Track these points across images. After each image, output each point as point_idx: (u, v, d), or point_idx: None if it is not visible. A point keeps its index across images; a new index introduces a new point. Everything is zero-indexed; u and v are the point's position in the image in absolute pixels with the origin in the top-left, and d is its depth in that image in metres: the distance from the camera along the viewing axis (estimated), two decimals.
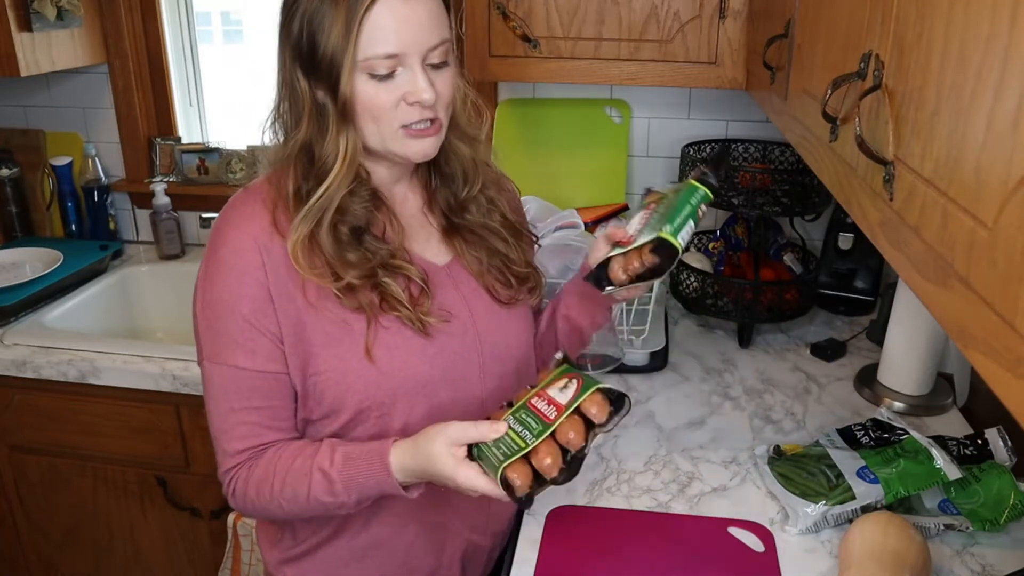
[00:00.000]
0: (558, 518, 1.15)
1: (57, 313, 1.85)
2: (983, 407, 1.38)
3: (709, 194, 1.04)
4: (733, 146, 1.83)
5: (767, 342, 1.69)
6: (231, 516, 1.63)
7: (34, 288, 1.83)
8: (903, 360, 1.43)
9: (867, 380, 1.49)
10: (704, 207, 1.04)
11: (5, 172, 2.10)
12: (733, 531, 1.12)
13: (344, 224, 0.95)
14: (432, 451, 0.88)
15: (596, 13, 1.50)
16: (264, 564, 1.15)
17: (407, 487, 0.93)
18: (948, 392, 1.45)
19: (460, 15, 1.56)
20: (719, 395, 1.49)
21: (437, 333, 0.99)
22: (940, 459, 1.10)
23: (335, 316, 0.95)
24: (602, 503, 1.19)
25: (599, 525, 1.14)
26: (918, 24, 0.61)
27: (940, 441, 1.18)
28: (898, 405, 1.42)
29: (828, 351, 1.61)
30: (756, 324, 1.66)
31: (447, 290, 1.03)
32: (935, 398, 1.43)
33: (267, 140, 0.99)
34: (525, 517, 1.16)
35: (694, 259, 1.74)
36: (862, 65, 0.73)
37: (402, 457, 0.91)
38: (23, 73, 1.75)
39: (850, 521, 1.10)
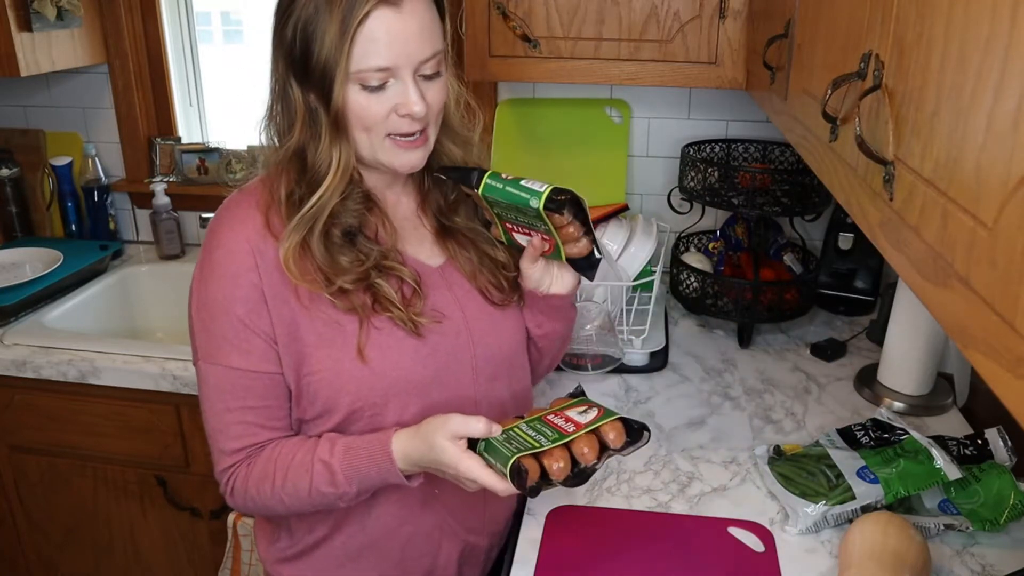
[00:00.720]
0: (558, 518, 1.15)
1: (57, 313, 1.85)
2: (983, 407, 1.38)
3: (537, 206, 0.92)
4: (734, 146, 1.83)
5: (767, 342, 1.69)
6: (231, 516, 1.63)
7: (34, 288, 1.83)
8: (903, 360, 1.43)
9: (867, 380, 1.49)
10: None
11: (5, 172, 2.10)
12: (733, 531, 1.12)
13: (337, 227, 0.96)
14: (435, 442, 0.90)
15: (596, 13, 1.50)
16: (262, 563, 1.15)
17: (408, 476, 0.95)
18: (948, 392, 1.45)
19: (460, 15, 1.55)
20: (719, 395, 1.49)
21: (430, 334, 1.00)
22: (940, 459, 1.10)
23: (328, 317, 0.96)
24: (602, 503, 1.19)
25: (599, 525, 1.14)
26: (918, 24, 0.61)
27: (940, 441, 1.18)
28: (898, 405, 1.42)
29: (828, 351, 1.61)
30: (756, 324, 1.66)
31: (441, 291, 1.04)
32: (935, 398, 1.43)
33: (264, 141, 0.99)
34: (525, 517, 1.16)
35: (694, 259, 1.74)
36: (862, 65, 0.73)
37: (404, 446, 0.93)
38: (23, 73, 1.75)
39: (850, 521, 1.10)
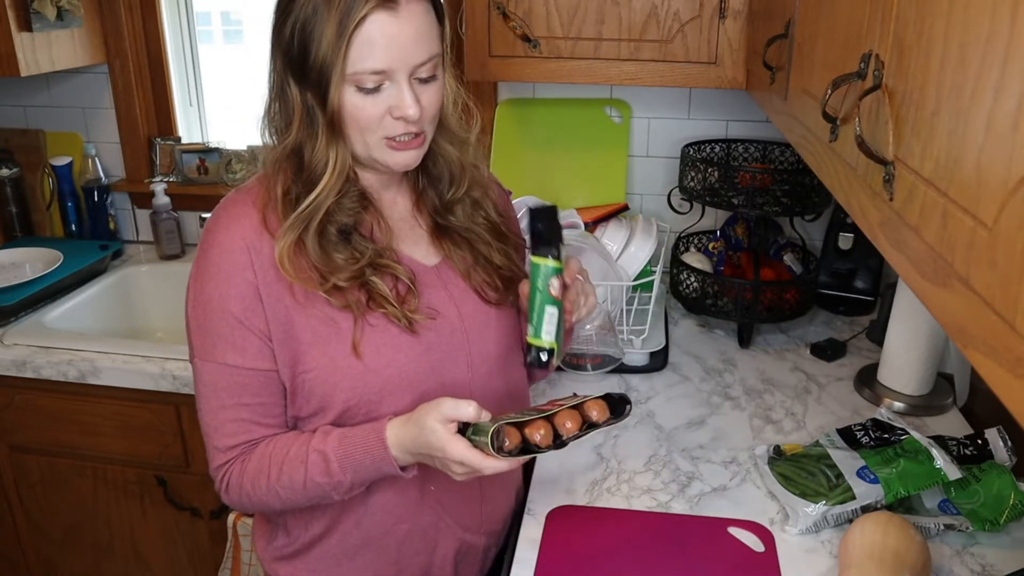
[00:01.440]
0: (558, 518, 1.15)
1: (57, 313, 1.85)
2: (983, 407, 1.38)
3: (557, 265, 1.00)
4: (733, 146, 1.83)
5: (767, 342, 1.69)
6: (231, 516, 1.63)
7: (34, 288, 1.83)
8: (903, 360, 1.43)
9: (867, 380, 1.49)
10: (558, 279, 0.99)
11: (5, 172, 2.10)
12: (733, 531, 1.12)
13: (333, 225, 0.97)
14: (425, 423, 0.90)
15: (596, 13, 1.50)
16: (260, 563, 1.16)
17: (403, 468, 0.95)
18: (948, 392, 1.45)
19: (460, 15, 1.56)
20: (719, 395, 1.49)
21: (425, 331, 1.00)
22: (940, 459, 1.10)
23: (323, 315, 0.96)
24: (602, 503, 1.19)
25: (599, 525, 1.14)
26: (918, 24, 0.61)
27: (940, 441, 1.18)
28: (898, 405, 1.42)
29: (828, 351, 1.61)
30: (756, 324, 1.66)
31: (436, 290, 1.04)
32: (935, 398, 1.43)
33: (262, 139, 1.00)
34: (525, 517, 1.16)
35: (694, 259, 1.74)
36: (862, 65, 0.73)
37: (397, 431, 0.93)
38: (23, 73, 1.75)
39: (850, 521, 1.10)
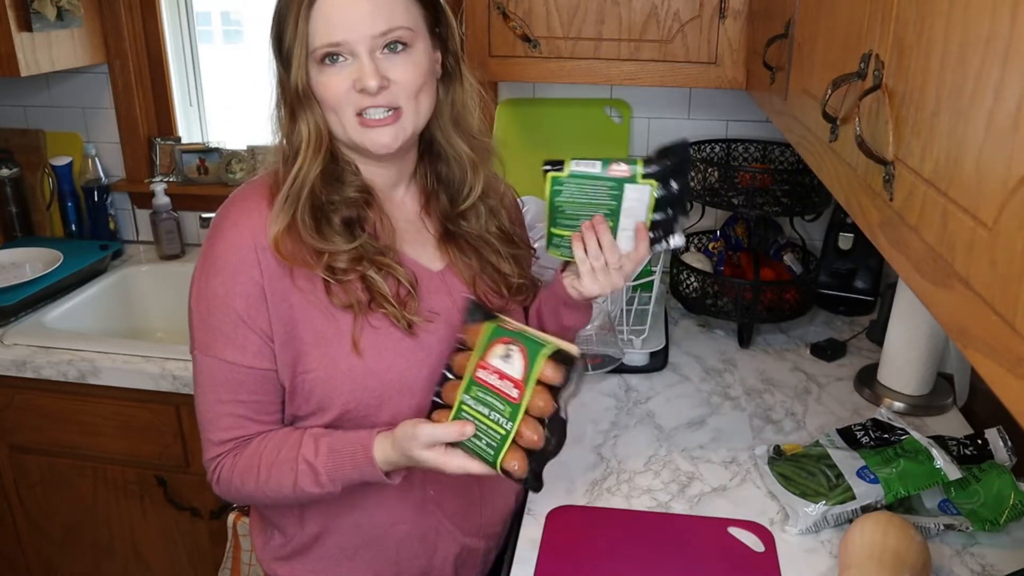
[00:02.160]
0: (558, 518, 1.15)
1: (57, 313, 1.85)
2: (983, 407, 1.38)
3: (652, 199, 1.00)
4: (733, 146, 1.83)
5: (767, 342, 1.69)
6: (231, 516, 1.62)
7: (34, 288, 1.83)
8: (903, 360, 1.43)
9: (867, 380, 1.49)
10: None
11: (5, 172, 2.10)
12: (733, 531, 1.12)
13: (336, 214, 0.97)
14: (413, 455, 0.91)
15: (596, 13, 1.50)
16: (259, 563, 1.16)
17: (389, 473, 0.96)
18: (948, 392, 1.45)
19: (460, 15, 1.56)
20: (719, 395, 1.49)
21: (426, 335, 1.00)
22: (940, 459, 1.10)
23: (326, 313, 0.96)
24: (602, 503, 1.19)
25: (599, 525, 1.14)
26: (918, 24, 0.61)
27: (940, 441, 1.18)
28: (898, 405, 1.42)
29: (828, 351, 1.61)
30: (756, 324, 1.66)
31: (440, 295, 1.04)
32: (935, 398, 1.43)
33: (274, 135, 1.00)
34: (525, 517, 1.16)
35: (694, 259, 1.74)
36: (862, 65, 0.73)
37: (385, 454, 0.94)
38: (23, 73, 1.75)
39: (850, 521, 1.10)
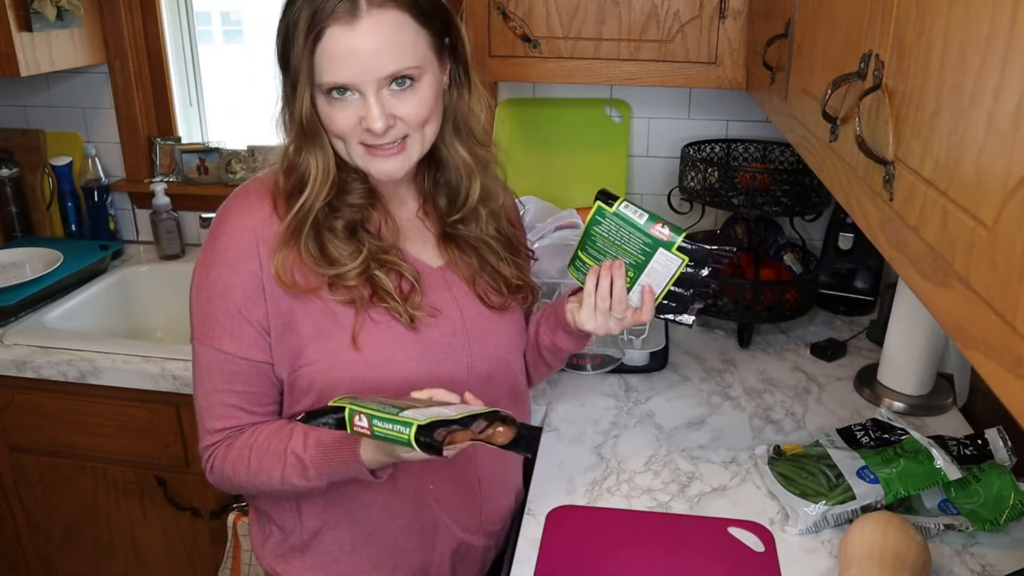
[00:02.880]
0: (558, 518, 1.15)
1: (57, 313, 1.85)
2: (983, 407, 1.38)
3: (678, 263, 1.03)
4: (733, 146, 1.83)
5: (767, 342, 1.69)
6: (231, 516, 1.62)
7: (34, 288, 1.83)
8: (903, 360, 1.43)
9: (867, 380, 1.49)
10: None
11: (5, 172, 2.10)
12: (733, 531, 1.12)
13: (340, 220, 0.97)
14: (397, 454, 0.90)
15: (596, 13, 1.50)
16: (259, 562, 1.16)
17: (376, 471, 0.95)
18: (948, 392, 1.45)
19: (460, 15, 1.55)
20: (719, 395, 1.49)
21: (427, 331, 1.00)
22: (940, 459, 1.10)
23: (326, 308, 0.97)
24: (602, 503, 1.19)
25: (599, 525, 1.14)
26: (918, 24, 0.61)
27: (940, 441, 1.18)
28: (898, 405, 1.42)
29: (828, 351, 1.61)
30: (756, 324, 1.66)
31: (440, 291, 1.04)
32: (935, 398, 1.43)
33: (279, 134, 1.00)
34: (525, 517, 1.16)
35: None
36: (862, 65, 0.73)
37: (373, 456, 0.93)
38: (23, 73, 1.75)
39: (850, 521, 1.10)
